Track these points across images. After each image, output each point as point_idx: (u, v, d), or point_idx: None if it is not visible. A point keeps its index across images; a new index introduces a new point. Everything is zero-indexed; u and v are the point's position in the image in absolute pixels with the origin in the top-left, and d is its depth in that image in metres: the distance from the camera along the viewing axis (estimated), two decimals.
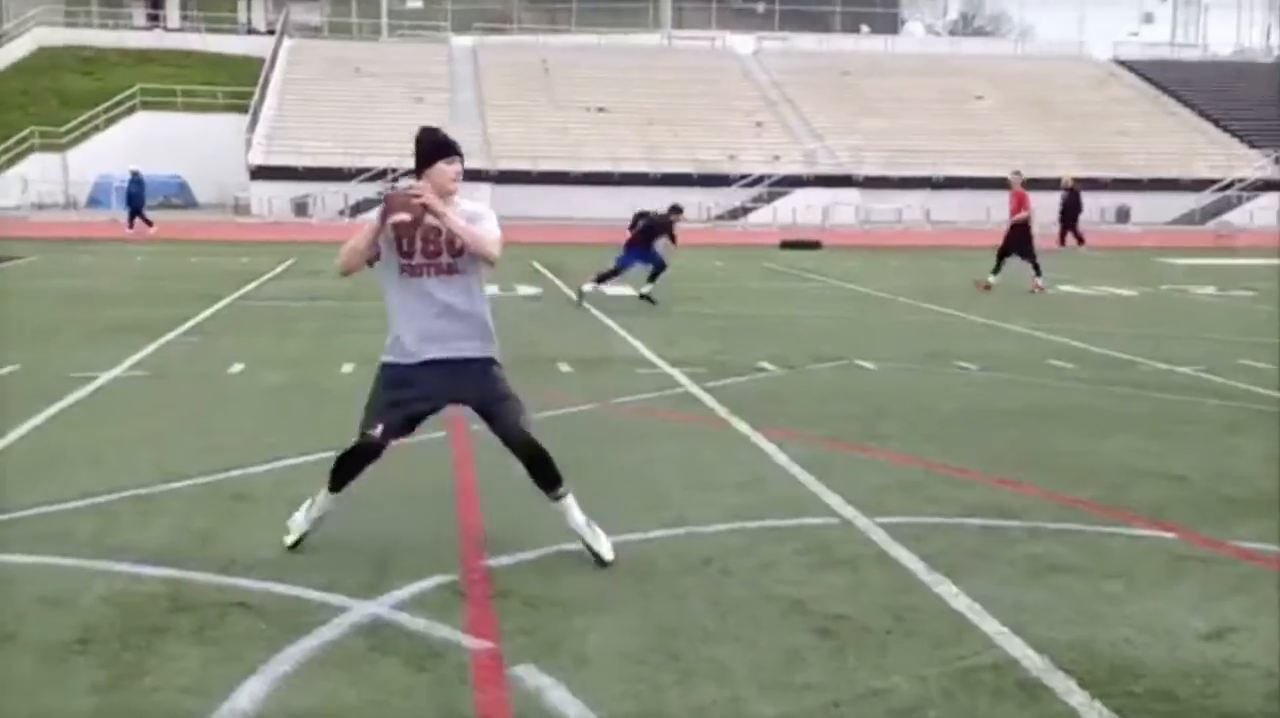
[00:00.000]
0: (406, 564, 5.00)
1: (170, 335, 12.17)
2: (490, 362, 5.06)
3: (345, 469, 5.13)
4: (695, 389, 9.46)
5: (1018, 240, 18.97)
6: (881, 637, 4.29)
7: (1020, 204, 19.10)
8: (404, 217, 4.80)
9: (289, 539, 5.15)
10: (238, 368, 10.27)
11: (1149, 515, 5.94)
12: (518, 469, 6.67)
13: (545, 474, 5.05)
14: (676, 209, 16.79)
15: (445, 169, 4.93)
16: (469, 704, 3.71)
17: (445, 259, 4.92)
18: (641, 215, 16.54)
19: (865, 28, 62.67)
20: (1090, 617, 4.53)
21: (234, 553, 5.13)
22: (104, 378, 9.61)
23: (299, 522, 5.19)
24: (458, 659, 4.05)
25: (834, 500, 6.10)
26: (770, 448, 7.32)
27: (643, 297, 15.82)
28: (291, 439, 7.39)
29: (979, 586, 4.82)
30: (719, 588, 4.80)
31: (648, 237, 16.15)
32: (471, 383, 5.00)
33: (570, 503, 5.08)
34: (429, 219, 4.84)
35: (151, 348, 11.29)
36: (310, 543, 5.26)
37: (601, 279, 15.96)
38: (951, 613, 4.54)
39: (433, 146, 4.98)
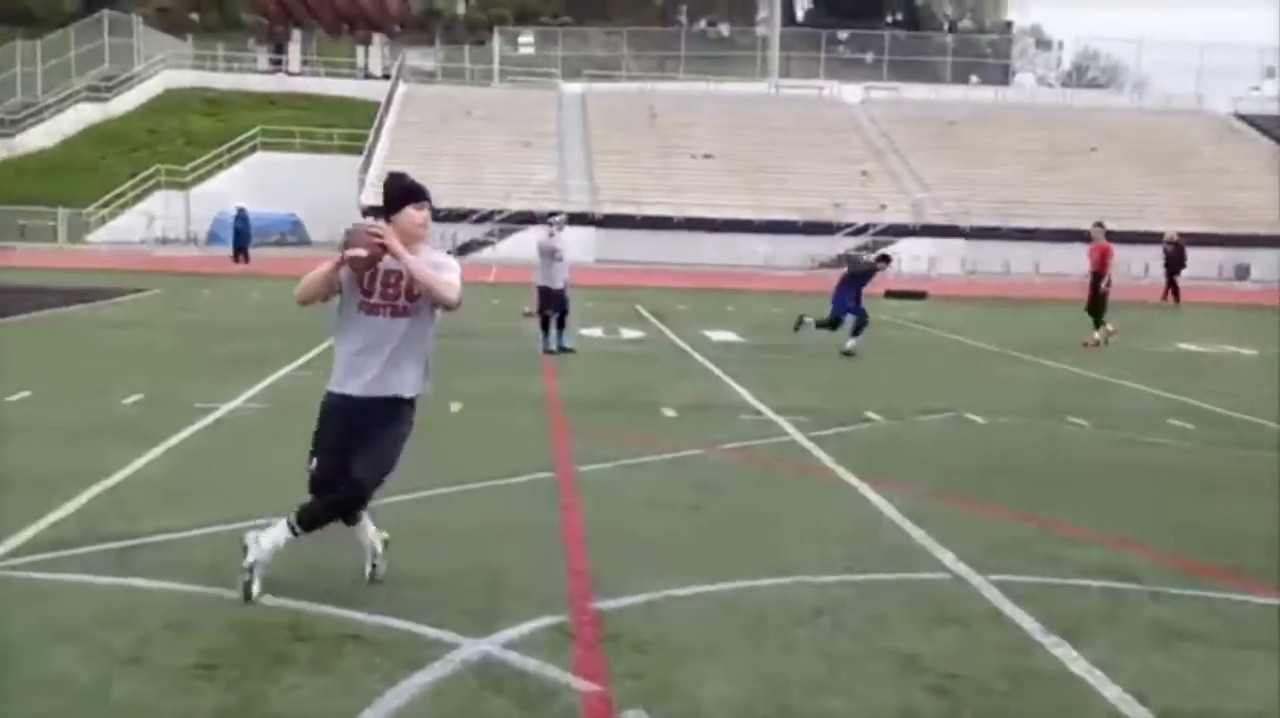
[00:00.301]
0: (515, 603, 5.04)
1: (286, 369, 12.47)
2: (409, 402, 5.11)
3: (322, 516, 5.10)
4: (801, 438, 9.40)
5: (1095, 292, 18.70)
6: (999, 699, 4.19)
7: (1103, 258, 18.77)
8: (360, 252, 4.84)
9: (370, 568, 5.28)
10: None
11: (1278, 584, 5.73)
12: (626, 513, 6.73)
13: (325, 519, 5.07)
14: (885, 259, 17.01)
15: (414, 214, 5.00)
16: None
17: (401, 302, 5.00)
18: (845, 259, 16.66)
19: (975, 78, 62.20)
20: (1218, 687, 4.38)
21: (348, 586, 5.22)
22: (224, 409, 9.88)
23: (368, 546, 5.29)
24: (568, 701, 4.06)
25: (945, 556, 6.00)
26: (878, 500, 7.23)
27: (845, 353, 15.73)
28: (401, 476, 7.47)
29: (1099, 650, 4.69)
30: (830, 641, 4.74)
31: (854, 285, 16.22)
32: (381, 417, 5.03)
33: (288, 536, 5.00)
34: (390, 262, 4.91)
35: (268, 381, 11.58)
36: (420, 578, 5.34)
37: (821, 326, 16.10)
38: (1071, 677, 4.42)
39: (401, 192, 5.04)
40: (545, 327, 15.01)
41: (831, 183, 45.92)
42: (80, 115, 51.16)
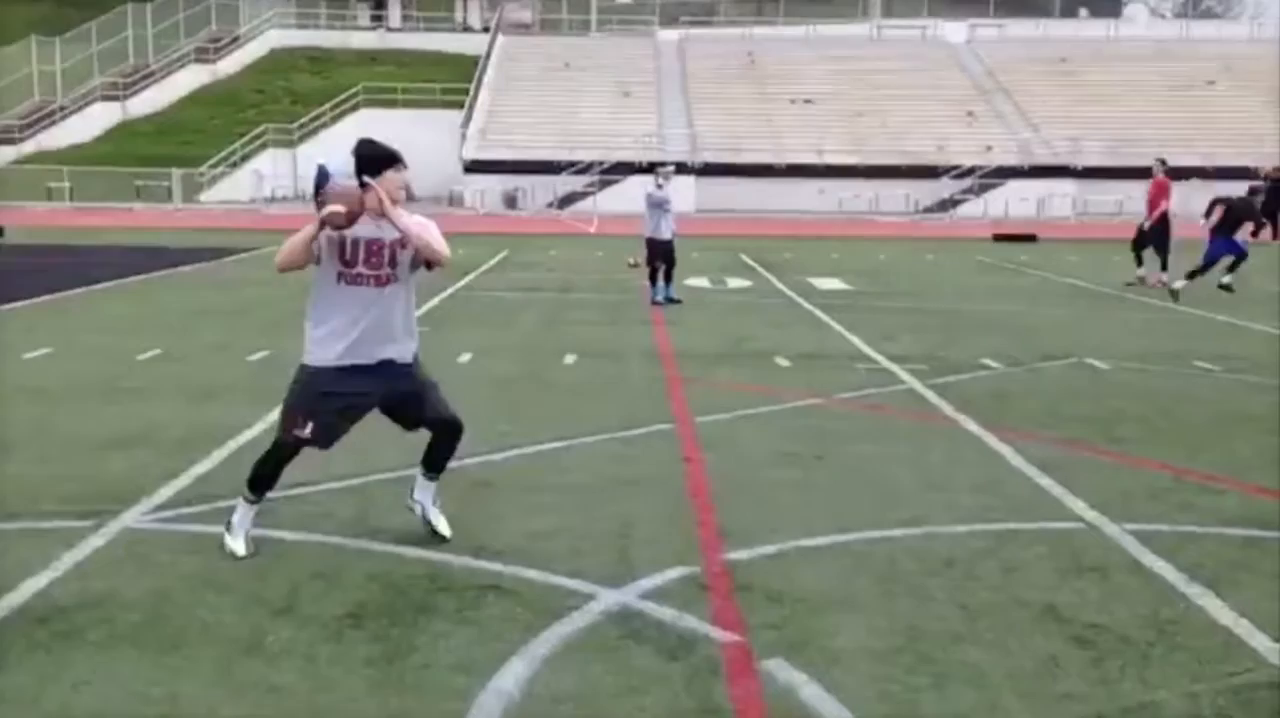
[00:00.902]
0: (647, 555, 5.10)
1: None
2: (411, 365, 5.16)
3: (269, 474, 5.16)
4: (919, 386, 9.30)
5: (1157, 232, 18.21)
6: (1143, 648, 4.14)
7: (1161, 194, 18.29)
8: (339, 208, 4.75)
9: (239, 553, 5.04)
10: (466, 358, 10.63)
11: None
12: (748, 464, 6.74)
13: (447, 455, 5.27)
14: (1254, 190, 16.92)
15: (394, 177, 4.95)
16: (723, 696, 3.76)
17: (385, 270, 4.98)
18: (1219, 202, 16.60)
19: (1084, 11, 60.17)
20: None
21: (482, 538, 5.33)
22: None
23: (237, 545, 5.07)
24: (707, 651, 4.10)
25: (1077, 505, 5.91)
26: (1004, 448, 7.14)
27: (1221, 286, 15.98)
28: (523, 429, 7.61)
29: (1245, 599, 4.60)
30: (965, 591, 4.71)
31: (1231, 225, 16.23)
32: (397, 382, 5.09)
33: (434, 486, 5.32)
34: (371, 231, 4.87)
35: None
36: (552, 530, 5.43)
37: (1192, 275, 16.08)
38: (1217, 627, 4.34)
39: (381, 157, 4.95)
40: (653, 278, 15.02)
41: (936, 125, 44.97)
42: (190, 77, 52.28)
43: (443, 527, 5.28)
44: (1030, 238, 30.12)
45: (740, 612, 4.46)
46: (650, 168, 17.92)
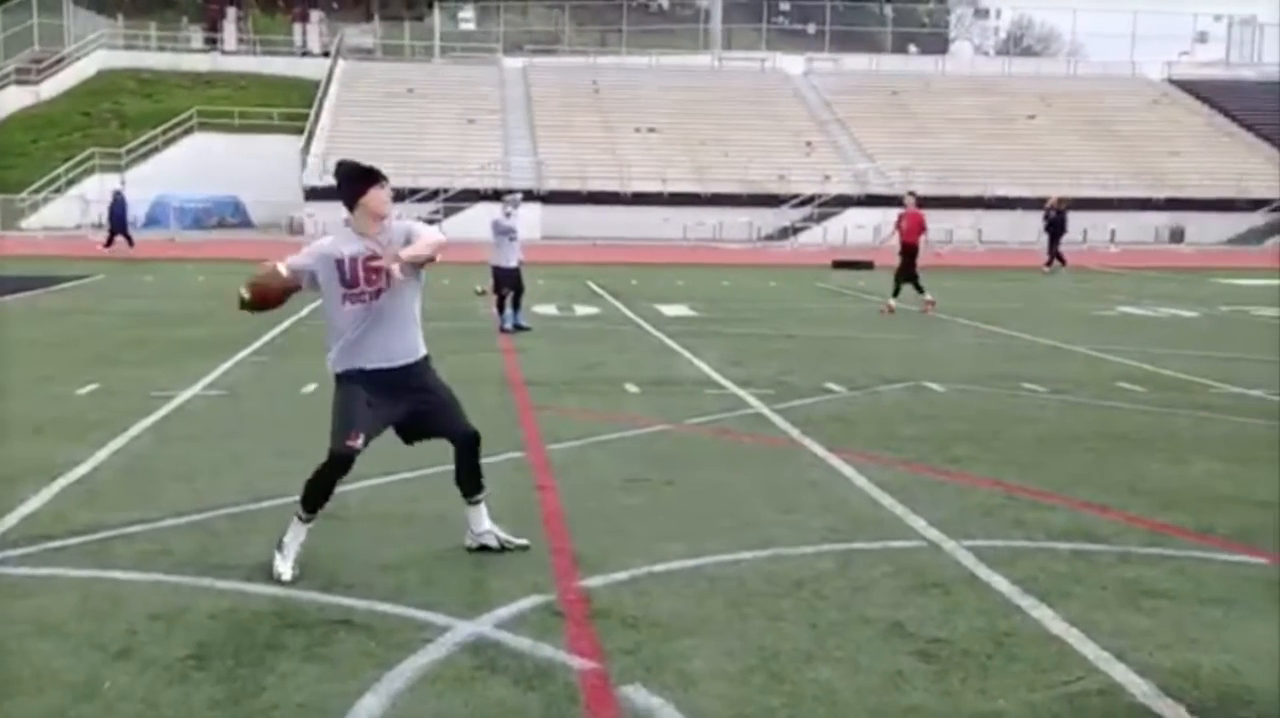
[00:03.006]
0: (502, 584, 5.07)
1: (240, 355, 12.34)
2: (427, 359, 5.40)
3: (325, 490, 5.20)
4: (765, 410, 9.48)
5: (906, 261, 19.03)
6: (983, 660, 4.30)
7: (914, 225, 19.09)
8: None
9: (285, 577, 5.04)
10: (311, 388, 10.39)
11: (1240, 541, 5.90)
12: (601, 491, 6.76)
13: (471, 469, 5.48)
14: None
15: (379, 194, 5.16)
16: None
17: (383, 282, 5.16)
18: None
19: (913, 47, 62.59)
20: (1191, 642, 4.51)
21: (332, 571, 5.21)
22: (182, 397, 9.78)
23: (285, 567, 5.08)
24: (565, 679, 4.10)
25: (918, 524, 6.11)
26: (848, 470, 7.33)
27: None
28: (372, 458, 7.44)
29: (1075, 610, 4.82)
30: (814, 610, 4.82)
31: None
32: (418, 383, 5.31)
33: (483, 508, 5.56)
34: (358, 247, 5.11)
35: (224, 367, 11.48)
36: (404, 561, 5.35)
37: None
38: (1050, 637, 4.54)
39: (363, 177, 5.16)
40: (501, 305, 14.98)
41: (776, 155, 46.02)
42: (10, 99, 49.97)
43: (519, 540, 5.50)
44: (868, 265, 30.98)
45: (597, 638, 4.47)
46: (498, 195, 17.89)
